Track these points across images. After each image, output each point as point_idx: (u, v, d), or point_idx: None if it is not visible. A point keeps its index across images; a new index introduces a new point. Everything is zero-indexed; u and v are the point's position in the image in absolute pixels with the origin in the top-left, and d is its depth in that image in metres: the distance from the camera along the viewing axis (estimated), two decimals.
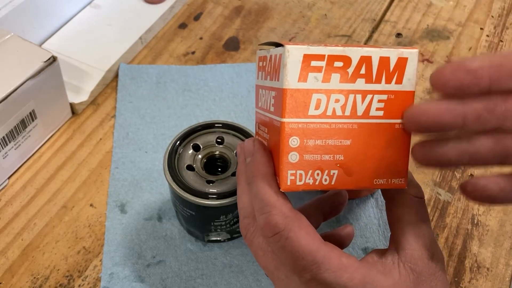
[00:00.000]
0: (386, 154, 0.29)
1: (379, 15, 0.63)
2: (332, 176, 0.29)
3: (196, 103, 0.53)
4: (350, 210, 0.45)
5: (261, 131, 0.33)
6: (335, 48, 0.28)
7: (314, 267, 0.27)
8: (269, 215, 0.28)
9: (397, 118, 0.29)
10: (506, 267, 0.42)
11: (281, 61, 0.28)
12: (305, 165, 0.29)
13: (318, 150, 0.29)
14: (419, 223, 0.30)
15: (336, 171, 0.29)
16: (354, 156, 0.29)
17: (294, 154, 0.28)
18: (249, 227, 0.31)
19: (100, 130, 0.50)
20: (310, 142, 0.28)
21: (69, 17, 0.59)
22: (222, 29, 0.61)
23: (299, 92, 0.28)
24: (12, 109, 0.43)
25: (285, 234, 0.28)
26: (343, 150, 0.29)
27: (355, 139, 0.29)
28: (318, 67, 0.28)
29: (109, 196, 0.45)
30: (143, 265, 0.41)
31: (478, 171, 0.48)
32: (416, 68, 0.29)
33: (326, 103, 0.28)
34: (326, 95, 0.28)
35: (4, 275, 0.41)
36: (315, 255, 0.27)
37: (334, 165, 0.29)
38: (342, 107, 0.29)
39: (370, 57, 0.28)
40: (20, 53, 0.45)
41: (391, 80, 0.29)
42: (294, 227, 0.28)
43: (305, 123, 0.28)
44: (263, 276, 0.41)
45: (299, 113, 0.28)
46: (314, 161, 0.29)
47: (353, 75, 0.28)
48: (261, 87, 0.33)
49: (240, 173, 0.32)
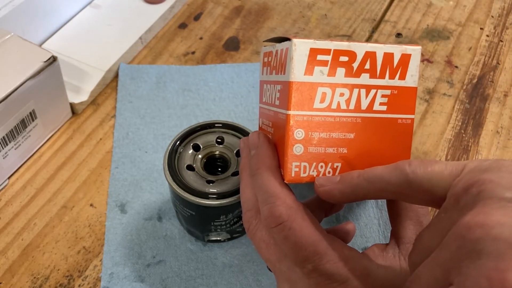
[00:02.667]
0: (388, 148, 0.30)
1: (379, 15, 0.63)
2: (335, 169, 0.29)
3: (196, 103, 0.53)
4: (350, 209, 0.45)
5: (265, 126, 0.33)
6: (340, 43, 0.29)
7: (316, 257, 0.27)
8: (273, 206, 0.28)
9: (399, 113, 0.30)
10: None
11: (288, 54, 0.28)
12: (310, 157, 0.29)
13: (323, 143, 0.29)
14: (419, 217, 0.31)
15: (340, 163, 0.29)
16: (357, 150, 0.29)
17: (298, 146, 0.29)
18: (252, 220, 0.31)
19: (100, 130, 0.50)
20: (315, 134, 0.29)
21: (69, 17, 0.59)
22: (222, 29, 0.61)
23: (305, 85, 0.28)
24: (12, 109, 0.43)
25: (288, 224, 0.28)
26: (346, 144, 0.29)
27: (358, 133, 0.29)
28: (324, 61, 0.28)
29: (109, 196, 0.45)
30: (143, 265, 0.41)
31: None
32: (419, 65, 0.30)
33: (331, 96, 0.29)
34: (331, 88, 0.29)
35: (4, 275, 0.41)
36: (317, 246, 0.27)
37: (337, 158, 0.29)
38: (347, 101, 0.29)
39: (374, 52, 0.29)
40: (20, 53, 0.45)
41: (395, 75, 0.29)
42: (298, 218, 0.28)
43: (310, 116, 0.29)
44: (263, 276, 0.41)
45: (305, 106, 0.28)
46: (318, 153, 0.29)
47: (357, 70, 0.29)
48: (265, 82, 0.33)
49: (244, 167, 0.33)
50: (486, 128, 0.52)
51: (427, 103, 0.54)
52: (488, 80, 0.57)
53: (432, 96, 0.55)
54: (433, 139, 0.51)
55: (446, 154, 0.50)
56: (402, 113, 0.30)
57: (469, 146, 0.50)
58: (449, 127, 0.52)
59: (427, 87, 0.55)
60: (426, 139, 0.51)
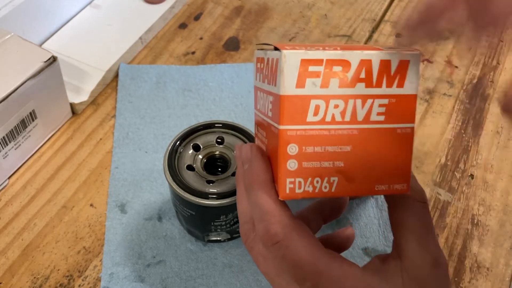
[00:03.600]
0: (388, 159, 0.29)
1: (379, 15, 0.63)
2: (332, 183, 0.28)
3: (196, 103, 0.53)
4: (350, 210, 0.45)
5: (260, 134, 0.32)
6: (333, 52, 0.27)
7: (315, 276, 0.27)
8: (268, 224, 0.27)
9: (398, 122, 0.28)
10: (506, 267, 0.42)
11: (278, 66, 0.27)
12: (304, 172, 0.28)
13: (317, 157, 0.28)
14: (422, 229, 0.30)
15: (336, 178, 0.28)
16: (355, 162, 0.28)
17: (292, 162, 0.28)
18: (249, 233, 0.30)
19: (100, 130, 0.50)
20: (309, 149, 0.28)
21: (69, 17, 0.59)
22: (222, 29, 0.61)
23: (297, 98, 0.27)
24: (12, 109, 0.43)
25: (285, 243, 0.27)
26: (343, 157, 0.28)
27: (355, 145, 0.28)
28: (316, 72, 0.27)
29: (109, 196, 0.45)
30: (143, 265, 0.41)
31: (478, 171, 0.48)
32: (419, 71, 0.29)
33: (325, 109, 0.27)
34: (325, 100, 0.27)
35: (4, 275, 0.41)
36: (316, 264, 0.27)
37: (334, 172, 0.28)
38: (342, 113, 0.28)
39: (370, 60, 0.28)
40: (20, 53, 0.45)
41: (392, 83, 0.28)
42: (294, 236, 0.27)
43: (304, 130, 0.27)
44: (263, 276, 0.41)
45: (297, 119, 0.27)
46: (313, 168, 0.28)
47: (352, 79, 0.28)
48: (259, 89, 0.32)
49: (239, 177, 0.32)
50: (486, 128, 0.52)
51: (427, 103, 0.54)
52: (488, 80, 0.57)
53: (432, 96, 0.55)
54: (433, 139, 0.51)
55: (446, 154, 0.50)
56: (401, 123, 0.28)
57: (469, 146, 0.50)
58: (449, 127, 0.52)
59: (427, 87, 0.55)
60: (426, 139, 0.51)
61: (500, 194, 0.47)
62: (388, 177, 0.29)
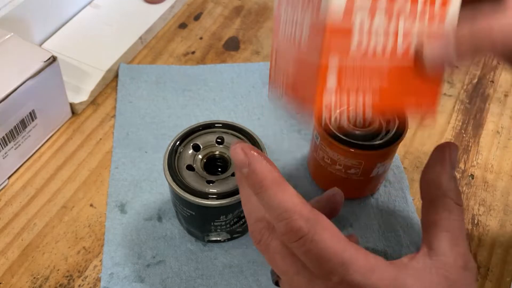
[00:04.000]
0: (421, 82, 0.29)
1: None
2: (367, 101, 0.28)
3: (196, 103, 0.53)
4: (350, 210, 0.45)
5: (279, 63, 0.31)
6: None
7: (342, 268, 0.26)
8: (291, 221, 0.27)
9: None
10: (506, 267, 0.42)
11: None
12: (342, 88, 0.27)
13: (356, 73, 0.27)
14: (456, 230, 0.29)
15: (371, 95, 0.28)
16: (390, 83, 0.28)
17: (332, 77, 0.27)
18: (264, 231, 0.29)
19: (100, 130, 0.50)
20: (348, 64, 0.27)
21: (69, 17, 0.59)
22: (222, 29, 0.61)
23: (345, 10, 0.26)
24: (12, 109, 0.43)
25: (309, 237, 0.27)
26: (380, 75, 0.28)
27: (393, 66, 0.28)
28: None
29: (109, 196, 0.45)
30: (143, 265, 0.41)
31: (478, 171, 0.48)
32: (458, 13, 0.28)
33: (369, 25, 0.27)
34: (369, 16, 0.27)
35: (4, 275, 0.40)
36: (342, 256, 0.26)
37: (370, 90, 0.28)
38: (385, 33, 0.27)
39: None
40: (20, 53, 0.45)
41: (433, 21, 0.28)
42: (318, 229, 0.27)
43: (347, 43, 0.27)
44: (263, 276, 0.41)
45: (342, 33, 0.27)
46: (351, 84, 0.27)
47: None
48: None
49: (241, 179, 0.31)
50: (487, 128, 0.52)
51: None
52: (489, 80, 0.57)
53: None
54: (433, 139, 0.51)
55: None
56: None
57: (469, 146, 0.50)
58: (449, 127, 0.52)
59: None
60: (426, 139, 0.51)
61: (500, 194, 0.47)
62: (419, 97, 0.29)
